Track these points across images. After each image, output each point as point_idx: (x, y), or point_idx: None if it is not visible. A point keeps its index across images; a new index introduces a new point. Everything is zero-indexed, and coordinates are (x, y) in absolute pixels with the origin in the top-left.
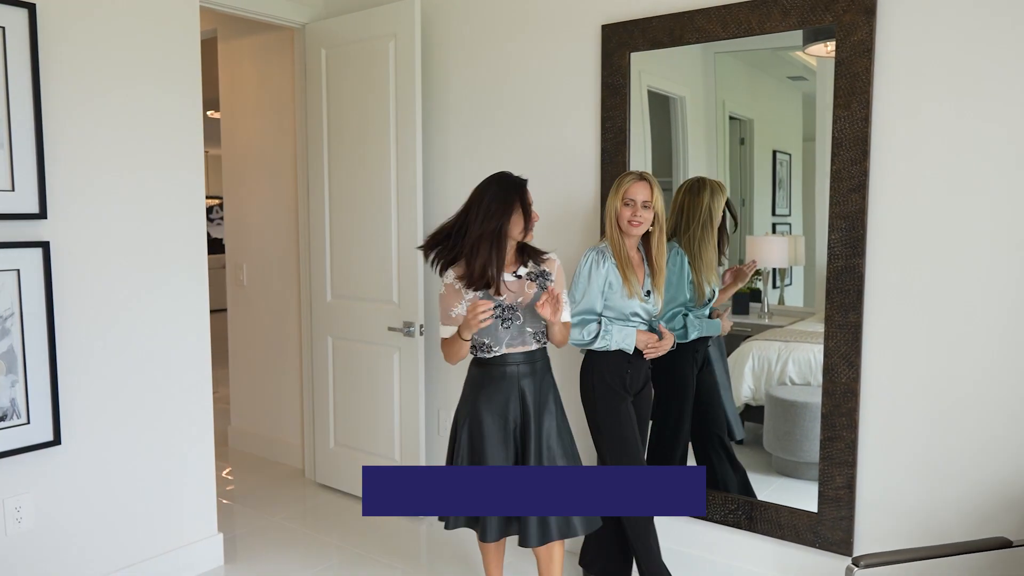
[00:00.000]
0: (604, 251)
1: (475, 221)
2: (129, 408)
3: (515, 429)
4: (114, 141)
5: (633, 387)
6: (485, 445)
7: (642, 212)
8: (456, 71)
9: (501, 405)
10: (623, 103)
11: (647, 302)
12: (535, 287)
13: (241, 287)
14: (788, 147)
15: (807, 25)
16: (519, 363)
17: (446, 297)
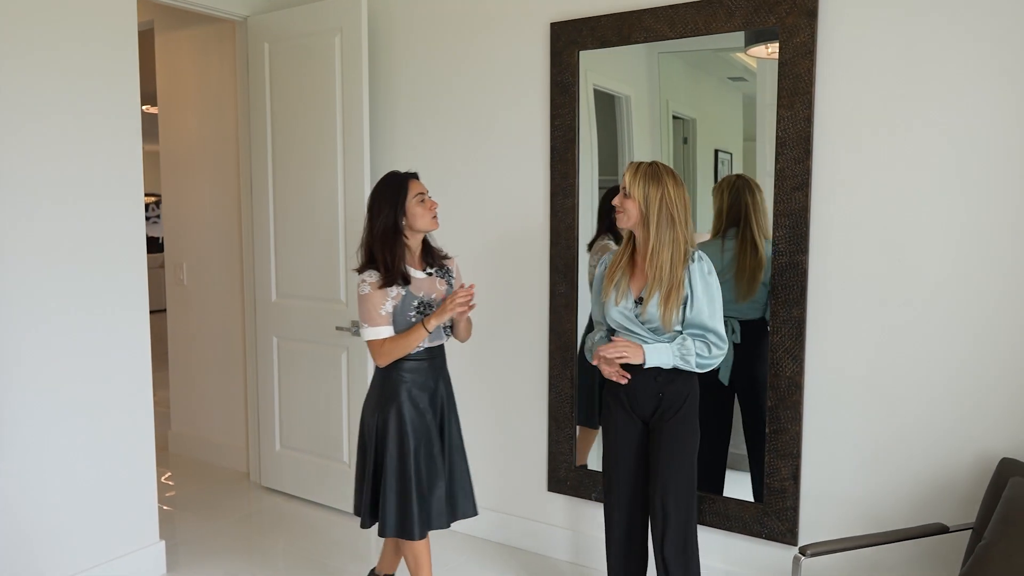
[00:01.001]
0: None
1: (376, 223)
2: (63, 413)
3: (437, 423)
4: (43, 131)
5: (638, 408)
6: (424, 441)
7: (622, 200)
8: (404, 67)
9: (427, 399)
10: (572, 101)
11: (628, 310)
12: (444, 284)
13: (181, 286)
14: (729, 146)
15: (751, 27)
16: (437, 357)
17: (371, 297)
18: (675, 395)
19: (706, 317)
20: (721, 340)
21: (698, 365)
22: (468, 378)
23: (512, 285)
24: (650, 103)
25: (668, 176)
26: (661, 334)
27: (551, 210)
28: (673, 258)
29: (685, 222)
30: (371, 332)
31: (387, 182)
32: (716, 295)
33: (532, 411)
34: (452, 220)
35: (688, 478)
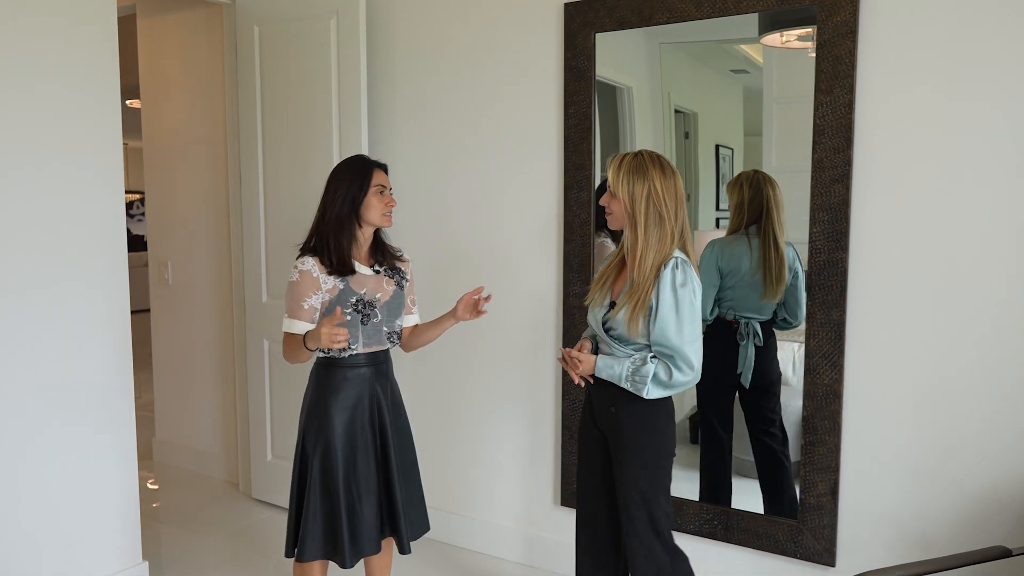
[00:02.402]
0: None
1: (330, 206)
2: (36, 423)
3: (375, 436)
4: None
5: (599, 419)
6: (354, 458)
7: (608, 200)
8: (405, 53)
9: (358, 410)
10: (588, 87)
11: (597, 314)
12: (393, 285)
13: (166, 286)
14: (731, 142)
15: (787, 4)
16: (374, 363)
17: (299, 285)
18: (630, 415)
19: (671, 334)
20: (688, 366)
21: (650, 392)
22: (472, 385)
23: (521, 284)
24: (651, 95)
25: (654, 168)
26: (627, 344)
27: (564, 204)
28: (655, 260)
29: (675, 216)
30: (286, 323)
31: (351, 164)
32: (687, 310)
33: (542, 420)
34: (457, 216)
35: (643, 512)
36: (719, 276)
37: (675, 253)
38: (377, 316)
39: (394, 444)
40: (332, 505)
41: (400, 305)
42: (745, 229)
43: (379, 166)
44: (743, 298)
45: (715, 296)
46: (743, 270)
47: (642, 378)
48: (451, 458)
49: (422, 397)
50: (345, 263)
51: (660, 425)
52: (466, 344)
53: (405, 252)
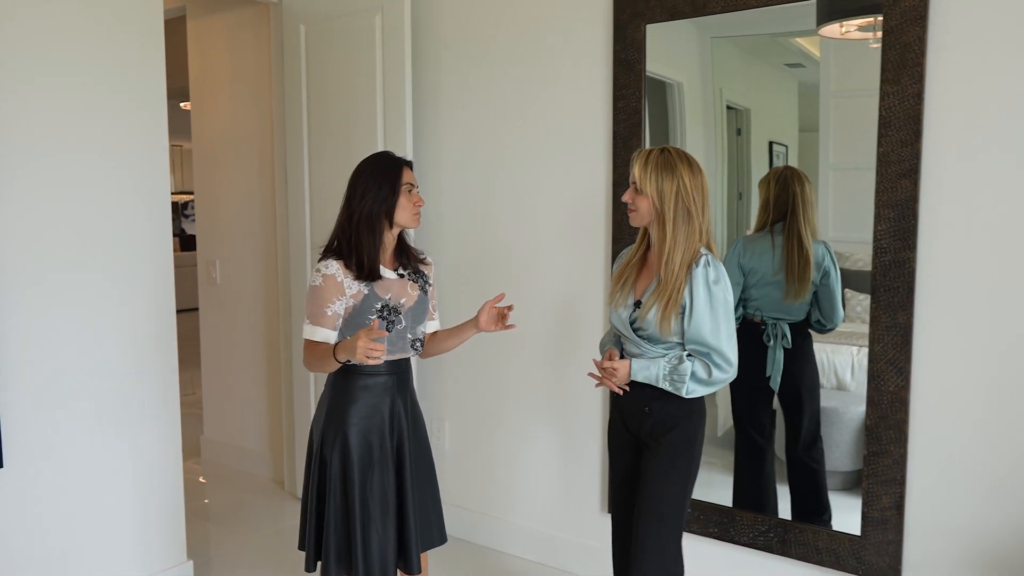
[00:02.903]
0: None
1: (357, 207)
2: (84, 423)
3: (393, 448)
4: (59, 125)
5: (630, 422)
6: (371, 474)
7: (633, 196)
8: (449, 48)
9: (375, 420)
10: (638, 81)
11: (621, 314)
12: (417, 289)
13: (213, 285)
14: (785, 138)
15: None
16: (395, 372)
17: (322, 290)
18: (665, 414)
19: (707, 333)
20: (726, 363)
21: (691, 391)
22: (514, 387)
23: (567, 288)
24: (703, 91)
25: (682, 164)
26: (657, 343)
27: (613, 203)
28: (683, 258)
29: (703, 212)
30: (307, 330)
31: (379, 162)
32: (721, 308)
33: (586, 425)
34: (501, 215)
35: (669, 510)
36: (741, 275)
37: (702, 251)
38: (401, 323)
39: (411, 459)
40: (348, 523)
41: (424, 311)
42: (770, 227)
43: (406, 163)
44: (768, 298)
45: (739, 296)
46: (765, 269)
47: (680, 376)
48: (492, 461)
49: (461, 398)
50: (374, 267)
51: (693, 425)
52: (509, 345)
53: (439, 254)
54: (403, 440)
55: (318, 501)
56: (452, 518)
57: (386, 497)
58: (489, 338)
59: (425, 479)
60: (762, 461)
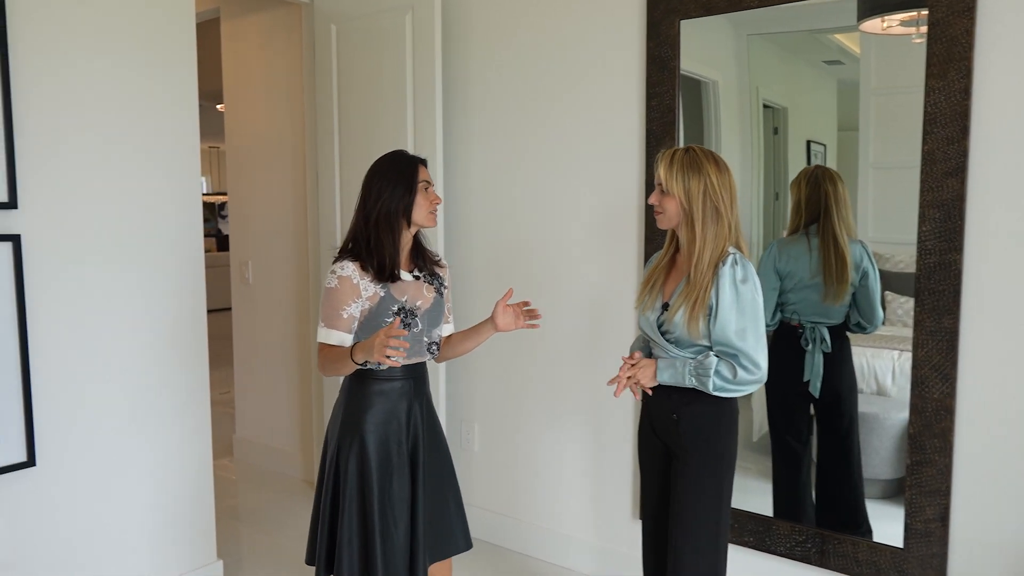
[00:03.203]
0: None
1: (373, 207)
2: (115, 422)
3: (410, 455)
4: (97, 123)
5: (658, 428)
6: (390, 480)
7: (659, 198)
8: (480, 47)
9: (391, 426)
10: (672, 78)
11: (649, 317)
12: (433, 291)
13: (246, 285)
14: (823, 137)
15: None
16: (412, 376)
17: (338, 292)
18: (692, 422)
19: (732, 334)
20: (753, 365)
21: (716, 387)
22: (543, 389)
23: (598, 290)
24: (739, 89)
25: (709, 162)
26: (685, 347)
27: (646, 204)
28: (712, 257)
29: (731, 211)
30: (322, 333)
31: (394, 161)
32: (749, 308)
33: (618, 429)
34: (531, 214)
35: (704, 523)
36: (778, 279)
37: (730, 250)
38: (418, 325)
39: (426, 464)
40: (366, 530)
41: (440, 313)
42: (805, 229)
43: (421, 161)
44: (806, 301)
45: (776, 300)
46: (802, 272)
47: (705, 371)
48: (521, 464)
49: (491, 400)
50: (394, 268)
51: (723, 430)
52: (539, 347)
53: (467, 255)
54: (418, 445)
55: (332, 510)
56: (481, 521)
57: (403, 504)
58: (519, 341)
59: (447, 484)
60: (799, 468)
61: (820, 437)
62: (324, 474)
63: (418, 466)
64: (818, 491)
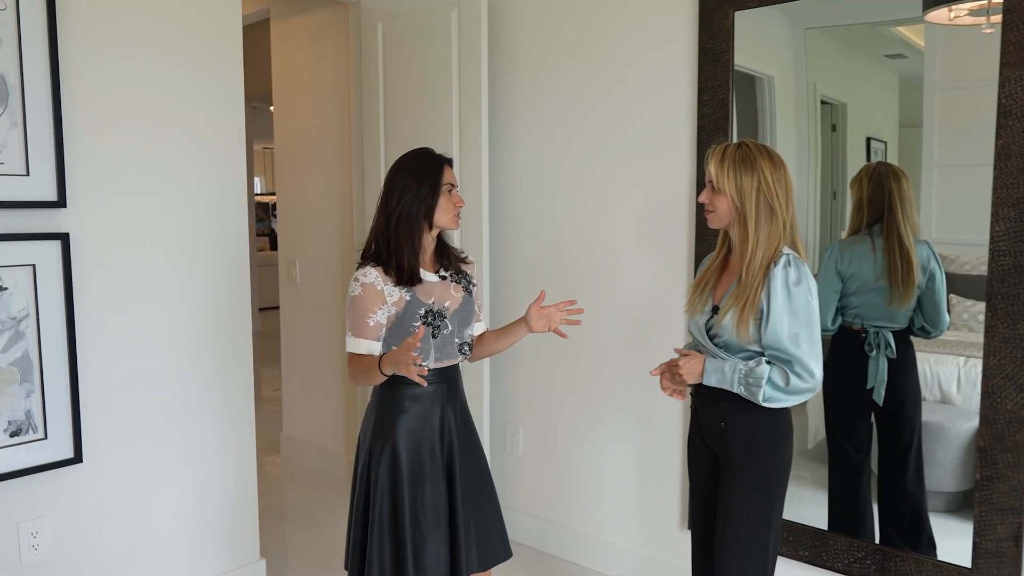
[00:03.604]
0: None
1: (394, 208)
2: (160, 420)
3: (444, 461)
4: (144, 123)
5: (707, 435)
6: (423, 488)
7: (710, 196)
8: (526, 41)
9: (424, 432)
10: (725, 72)
11: (698, 320)
12: (461, 291)
13: (293, 284)
14: (883, 134)
15: None
16: (444, 380)
17: (362, 300)
18: (742, 432)
19: (785, 339)
20: (807, 372)
21: (767, 398)
22: (589, 392)
23: (647, 292)
24: (795, 85)
25: (763, 157)
26: (734, 352)
27: (697, 203)
28: (764, 258)
29: (787, 208)
30: (351, 343)
31: (417, 160)
32: (803, 312)
33: (666, 434)
34: (576, 211)
35: (752, 540)
36: (840, 281)
37: (784, 250)
38: (448, 327)
39: (461, 471)
40: (398, 538)
41: (470, 313)
42: (867, 229)
43: (446, 161)
44: (869, 304)
45: (837, 303)
46: (866, 274)
47: (756, 380)
48: (566, 469)
49: (536, 403)
50: (413, 272)
51: (777, 441)
52: (586, 349)
53: (513, 254)
54: (453, 451)
55: (363, 517)
56: (524, 526)
57: (438, 512)
58: (565, 342)
59: (483, 492)
60: (859, 480)
61: (881, 447)
62: (356, 480)
63: (455, 473)
64: (880, 504)
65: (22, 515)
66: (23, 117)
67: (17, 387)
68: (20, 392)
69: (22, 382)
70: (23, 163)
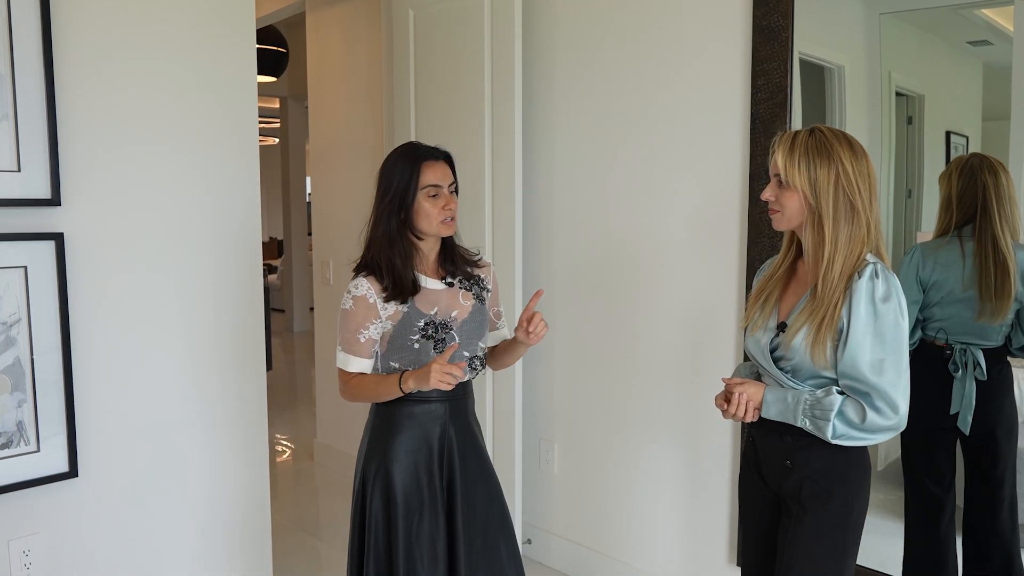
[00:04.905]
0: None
1: (380, 212)
2: (163, 432)
3: (443, 487)
4: (148, 115)
5: (768, 474)
6: (412, 513)
7: (776, 192)
8: (563, 28)
9: (421, 455)
10: (783, 52)
11: (760, 339)
12: (471, 298)
13: (327, 286)
14: (965, 128)
15: None
16: (449, 398)
17: (353, 315)
18: (812, 473)
19: (865, 366)
20: (890, 407)
21: (837, 435)
22: (636, 414)
23: (693, 300)
24: (868, 75)
25: (841, 145)
26: (804, 379)
27: (749, 199)
28: (845, 266)
29: (870, 207)
30: (342, 358)
31: (398, 157)
32: (890, 334)
33: (716, 462)
34: (617, 208)
35: None
36: (920, 290)
37: (869, 257)
38: (454, 340)
39: (465, 503)
40: (391, 572)
41: (482, 323)
42: (957, 230)
43: (432, 157)
44: (955, 318)
45: (916, 315)
46: (952, 282)
47: (824, 411)
48: (604, 491)
49: (573, 418)
50: (402, 286)
51: (852, 487)
52: (627, 363)
53: (549, 257)
54: (454, 478)
55: (358, 545)
56: (556, 550)
57: (435, 546)
58: (604, 354)
59: (496, 525)
60: (939, 518)
61: (969, 481)
62: (353, 503)
63: (456, 503)
64: (964, 544)
65: (14, 532)
66: (14, 109)
67: (8, 396)
68: (11, 402)
69: (13, 391)
70: (14, 158)
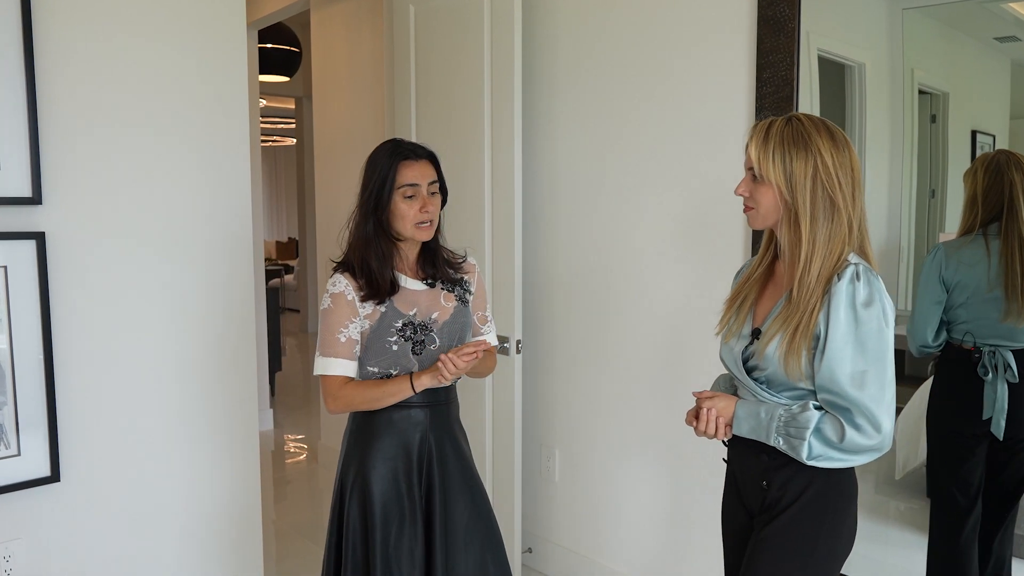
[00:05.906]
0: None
1: (360, 209)
2: (149, 435)
3: (421, 497)
4: (134, 109)
5: (745, 492)
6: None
7: (750, 188)
8: (564, 25)
9: (400, 462)
10: (789, 44)
11: (733, 347)
12: (454, 300)
13: None
14: (991, 127)
15: None
16: (431, 404)
17: (332, 314)
18: (784, 487)
19: (844, 379)
20: (872, 425)
21: (813, 455)
22: (636, 424)
23: (694, 302)
24: (890, 73)
25: (820, 135)
26: (778, 391)
27: None
28: (823, 268)
29: (853, 203)
30: (320, 363)
31: (376, 154)
32: (872, 343)
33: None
34: (618, 207)
35: None
36: (944, 290)
37: (851, 258)
38: (435, 342)
39: (445, 514)
40: None
41: (465, 325)
42: (982, 229)
43: (409, 156)
44: (982, 319)
45: (940, 316)
46: (977, 282)
47: (799, 429)
48: (605, 499)
49: (574, 426)
50: (378, 287)
51: (837, 508)
52: (629, 372)
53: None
54: (433, 488)
55: (336, 555)
56: (557, 560)
57: (414, 558)
58: (606, 362)
59: (482, 539)
60: (962, 527)
61: (993, 487)
62: (331, 510)
63: (434, 514)
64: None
65: None
66: None
67: None
68: None
69: None
70: None
